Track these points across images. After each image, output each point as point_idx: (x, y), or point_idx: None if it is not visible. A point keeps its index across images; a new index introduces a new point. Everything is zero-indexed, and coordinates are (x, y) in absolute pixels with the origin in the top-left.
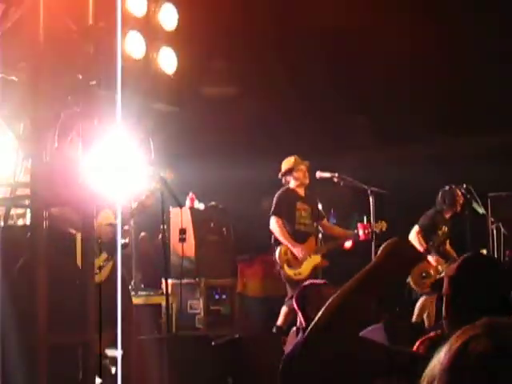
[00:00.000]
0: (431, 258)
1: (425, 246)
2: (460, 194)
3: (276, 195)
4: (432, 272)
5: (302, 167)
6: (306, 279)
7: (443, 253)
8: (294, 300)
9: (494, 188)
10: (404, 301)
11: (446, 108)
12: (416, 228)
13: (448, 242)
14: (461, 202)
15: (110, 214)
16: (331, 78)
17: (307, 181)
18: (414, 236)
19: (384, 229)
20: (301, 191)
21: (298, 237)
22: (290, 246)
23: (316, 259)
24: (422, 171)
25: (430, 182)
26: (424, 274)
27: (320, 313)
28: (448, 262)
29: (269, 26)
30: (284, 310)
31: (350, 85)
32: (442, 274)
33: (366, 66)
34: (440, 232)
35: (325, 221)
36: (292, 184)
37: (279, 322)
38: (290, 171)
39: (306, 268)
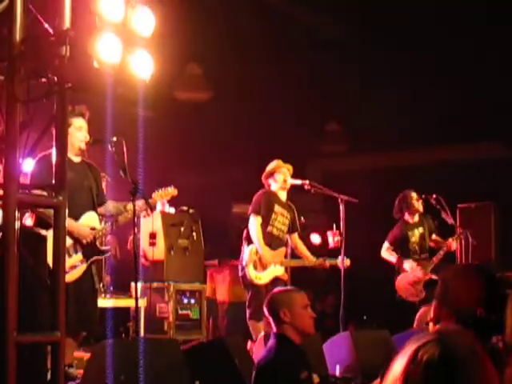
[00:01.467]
0: (407, 266)
1: (396, 257)
2: (412, 194)
3: (256, 195)
4: (417, 278)
5: (284, 170)
6: (264, 285)
7: (427, 251)
8: (264, 306)
9: (463, 199)
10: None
11: (418, 118)
12: (385, 245)
13: (429, 237)
14: (417, 201)
15: (96, 217)
16: (307, 82)
17: (288, 185)
18: (384, 253)
19: (347, 265)
20: (281, 195)
21: (270, 239)
22: (258, 248)
23: (279, 271)
24: (392, 181)
25: (399, 191)
26: (411, 283)
27: None
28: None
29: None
30: (252, 324)
31: (325, 90)
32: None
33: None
34: (413, 239)
35: (296, 235)
36: (273, 187)
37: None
38: (271, 174)
39: (267, 275)
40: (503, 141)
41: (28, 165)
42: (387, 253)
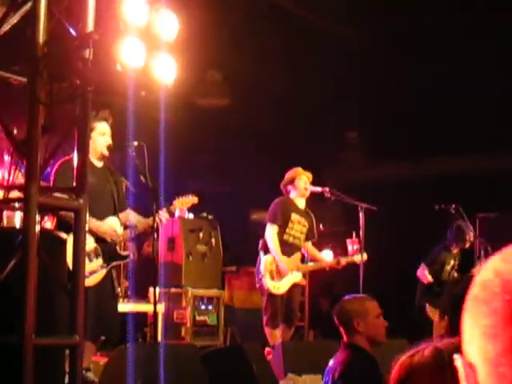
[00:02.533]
0: None
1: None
2: (470, 231)
3: (273, 203)
4: None
5: (304, 178)
6: (283, 295)
7: None
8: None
9: (483, 208)
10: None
11: (435, 128)
12: (422, 266)
13: (455, 274)
14: (471, 239)
15: (117, 222)
16: (327, 91)
17: (307, 193)
18: (421, 273)
19: (365, 259)
20: (300, 203)
21: (286, 248)
22: (276, 257)
23: (297, 277)
24: (409, 190)
25: (418, 200)
26: None
27: None
28: None
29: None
30: (268, 331)
31: (344, 99)
32: None
33: (360, 82)
34: (448, 267)
35: (310, 242)
36: (292, 194)
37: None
38: (291, 181)
39: (285, 283)
40: None
41: (49, 168)
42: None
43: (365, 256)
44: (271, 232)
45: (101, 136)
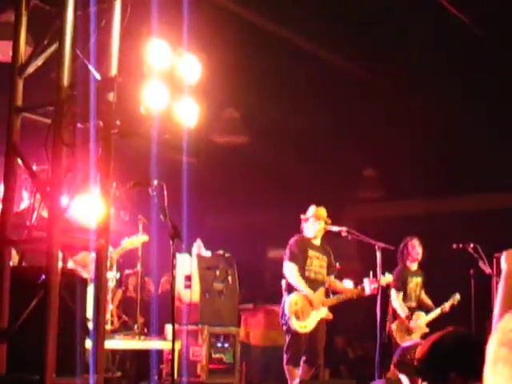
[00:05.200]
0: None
1: (406, 314)
2: (413, 242)
3: (290, 241)
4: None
5: (322, 222)
6: (310, 333)
7: (418, 302)
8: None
9: (501, 248)
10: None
11: (452, 166)
12: (393, 292)
13: (422, 291)
14: (417, 250)
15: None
16: (341, 129)
17: (320, 235)
18: (395, 301)
19: (391, 281)
20: (315, 241)
21: (309, 284)
22: (306, 292)
23: (323, 312)
24: (427, 228)
25: (435, 239)
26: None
27: None
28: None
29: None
30: (289, 370)
31: (360, 137)
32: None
33: (374, 120)
34: (411, 285)
35: (332, 276)
36: (308, 233)
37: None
38: (309, 219)
39: (312, 321)
40: None
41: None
42: (400, 303)
43: (390, 277)
44: (292, 269)
45: None
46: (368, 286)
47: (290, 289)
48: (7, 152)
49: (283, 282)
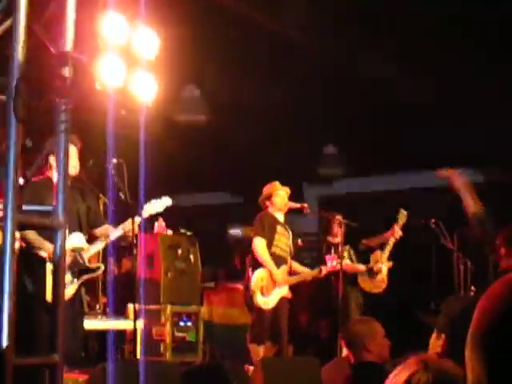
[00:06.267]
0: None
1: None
2: (336, 217)
3: (257, 217)
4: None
5: (282, 193)
6: (273, 310)
7: None
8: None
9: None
10: None
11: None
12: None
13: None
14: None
15: (81, 237)
16: (301, 105)
17: (286, 208)
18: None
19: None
20: (279, 217)
21: (274, 260)
22: (271, 269)
23: (284, 290)
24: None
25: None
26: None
27: None
28: None
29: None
30: (253, 347)
31: (321, 113)
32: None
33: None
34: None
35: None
36: (270, 209)
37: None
38: (269, 197)
39: (274, 298)
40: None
41: None
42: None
43: (347, 261)
44: (260, 245)
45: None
46: (330, 262)
47: (255, 264)
48: None
49: (247, 258)
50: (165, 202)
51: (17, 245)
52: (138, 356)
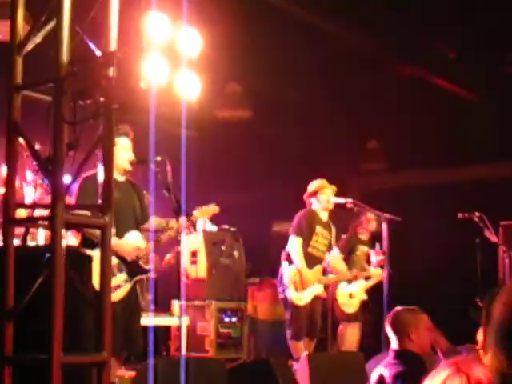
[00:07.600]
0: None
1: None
2: (368, 215)
3: (297, 215)
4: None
5: (328, 191)
6: (304, 306)
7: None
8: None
9: (507, 216)
10: None
11: (459, 135)
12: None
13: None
14: (368, 221)
15: (139, 236)
16: (344, 104)
17: (331, 206)
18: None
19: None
20: (323, 216)
21: (309, 260)
22: (301, 269)
23: (319, 289)
24: (434, 198)
25: (442, 209)
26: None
27: None
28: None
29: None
30: (293, 344)
31: (362, 109)
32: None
33: (378, 90)
34: (358, 252)
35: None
36: (315, 206)
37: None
38: (314, 193)
39: (308, 295)
40: None
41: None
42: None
43: (380, 271)
44: (296, 244)
45: (123, 151)
46: (375, 257)
47: (290, 259)
48: (8, 131)
49: (283, 252)
50: (212, 210)
51: (64, 243)
52: (184, 352)
